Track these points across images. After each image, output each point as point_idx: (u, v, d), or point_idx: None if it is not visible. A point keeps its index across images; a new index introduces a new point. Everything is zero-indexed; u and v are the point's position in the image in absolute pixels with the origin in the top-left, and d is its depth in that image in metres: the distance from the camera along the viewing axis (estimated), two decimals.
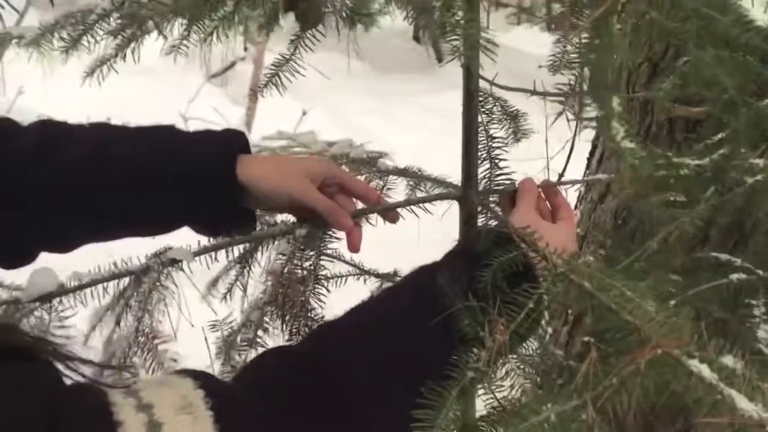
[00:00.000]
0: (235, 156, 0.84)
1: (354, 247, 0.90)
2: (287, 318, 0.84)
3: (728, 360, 0.60)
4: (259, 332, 0.88)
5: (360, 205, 0.93)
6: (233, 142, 0.87)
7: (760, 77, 0.94)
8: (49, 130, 0.84)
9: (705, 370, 0.58)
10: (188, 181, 0.83)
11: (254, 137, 2.65)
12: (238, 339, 0.89)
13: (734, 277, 0.78)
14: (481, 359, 0.69)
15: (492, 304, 0.70)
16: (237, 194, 0.83)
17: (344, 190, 0.91)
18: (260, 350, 0.87)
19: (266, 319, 0.89)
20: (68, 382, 0.53)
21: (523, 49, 6.67)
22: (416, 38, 7.73)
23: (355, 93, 6.01)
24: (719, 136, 1.10)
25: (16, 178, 0.79)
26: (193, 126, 1.71)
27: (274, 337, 0.88)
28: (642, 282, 0.71)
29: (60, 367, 0.53)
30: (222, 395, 0.56)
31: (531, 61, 4.11)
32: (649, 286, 0.72)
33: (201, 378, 0.57)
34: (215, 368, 0.90)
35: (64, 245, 0.86)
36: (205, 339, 1.30)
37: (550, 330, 0.89)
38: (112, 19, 1.05)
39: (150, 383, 0.56)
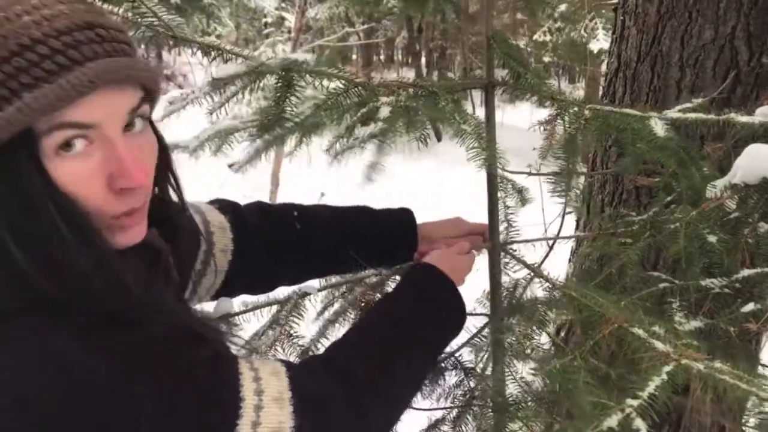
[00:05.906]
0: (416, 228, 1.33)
1: None
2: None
3: (655, 328, 1.04)
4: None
5: None
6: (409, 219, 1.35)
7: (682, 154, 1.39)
8: (269, 212, 1.27)
9: (641, 332, 1.02)
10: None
11: None
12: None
13: (661, 285, 1.24)
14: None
15: None
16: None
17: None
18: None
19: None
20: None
21: (519, 126, 7.21)
22: None
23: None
24: (668, 198, 1.55)
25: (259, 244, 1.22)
26: None
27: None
28: (604, 291, 1.17)
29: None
30: (295, 371, 0.91)
31: (525, 136, 4.57)
32: (611, 296, 1.18)
33: (286, 362, 0.93)
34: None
35: (300, 279, 1.32)
36: None
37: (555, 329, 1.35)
38: None
39: (260, 360, 0.92)
